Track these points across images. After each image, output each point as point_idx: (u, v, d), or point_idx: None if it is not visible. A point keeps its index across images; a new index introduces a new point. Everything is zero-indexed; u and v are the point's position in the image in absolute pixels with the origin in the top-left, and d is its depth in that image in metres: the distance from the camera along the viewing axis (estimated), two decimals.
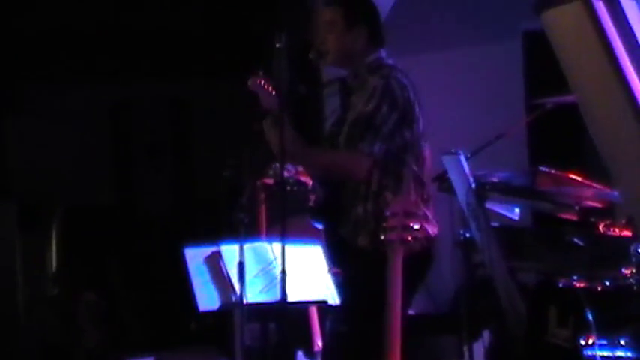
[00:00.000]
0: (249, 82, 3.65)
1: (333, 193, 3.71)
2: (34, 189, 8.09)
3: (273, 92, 3.61)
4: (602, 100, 3.66)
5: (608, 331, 4.15)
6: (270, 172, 4.31)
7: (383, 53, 3.77)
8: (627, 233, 4.29)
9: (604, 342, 4.12)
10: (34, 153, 8.37)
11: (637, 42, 3.60)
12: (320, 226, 3.80)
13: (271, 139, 3.63)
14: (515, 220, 5.00)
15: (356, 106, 3.64)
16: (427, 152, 3.80)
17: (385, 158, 3.57)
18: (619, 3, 3.65)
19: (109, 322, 7.08)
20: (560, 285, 4.38)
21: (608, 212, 4.57)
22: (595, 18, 3.54)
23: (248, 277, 3.78)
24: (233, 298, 3.83)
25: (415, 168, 3.63)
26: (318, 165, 3.66)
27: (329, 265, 3.81)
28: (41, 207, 7.82)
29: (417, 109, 3.70)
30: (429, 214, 3.56)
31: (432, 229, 3.63)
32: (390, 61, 3.76)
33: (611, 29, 3.58)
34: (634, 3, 3.69)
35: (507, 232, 4.86)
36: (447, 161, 4.83)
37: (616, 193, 4.27)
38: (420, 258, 3.54)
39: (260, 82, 3.62)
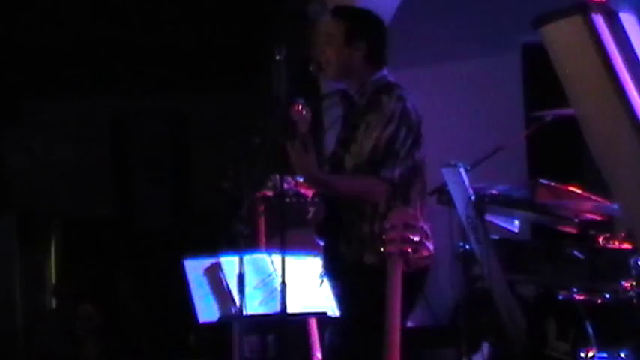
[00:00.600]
0: (291, 111, 3.65)
1: (336, 211, 3.71)
2: (33, 201, 8.09)
3: (309, 118, 3.63)
4: (601, 113, 3.66)
5: (608, 345, 4.15)
6: (270, 184, 4.30)
7: (385, 71, 3.78)
8: (627, 246, 4.29)
9: (604, 355, 4.11)
10: (33, 165, 8.37)
11: (636, 56, 3.61)
12: (322, 242, 3.79)
13: (297, 163, 3.64)
14: (514, 233, 5.00)
15: (371, 127, 3.61)
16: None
17: (400, 181, 3.60)
18: (618, 17, 3.67)
19: (108, 335, 7.06)
20: (560, 298, 4.38)
21: (607, 225, 4.57)
22: (594, 32, 3.55)
23: (247, 288, 3.78)
24: (232, 310, 3.82)
25: (420, 187, 3.65)
26: (340, 191, 3.65)
27: (321, 275, 3.80)
28: (40, 219, 7.82)
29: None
30: (428, 230, 3.57)
31: (431, 246, 3.63)
32: (392, 79, 3.77)
33: (610, 43, 3.59)
34: (633, 17, 3.71)
35: (507, 244, 4.86)
36: (447, 174, 4.84)
37: (615, 206, 4.27)
38: (419, 271, 3.54)
39: (299, 109, 3.63)
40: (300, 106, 3.63)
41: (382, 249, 3.21)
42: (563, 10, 3.68)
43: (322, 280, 3.80)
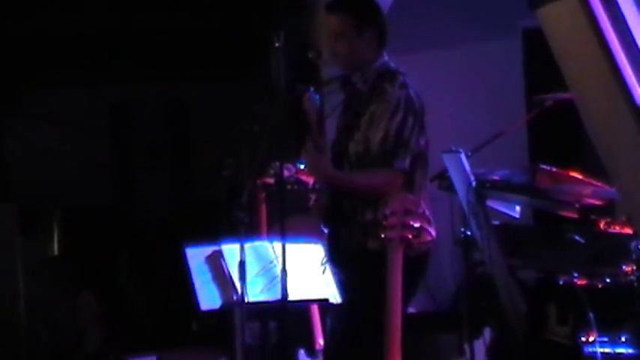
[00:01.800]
0: (302, 101, 3.66)
1: (339, 198, 3.71)
2: (33, 191, 8.09)
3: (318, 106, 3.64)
4: (598, 96, 3.65)
5: (609, 329, 4.15)
6: (271, 171, 4.30)
7: (386, 57, 3.77)
8: (628, 230, 4.29)
9: (605, 339, 4.12)
10: (33, 154, 8.37)
11: (633, 38, 3.60)
12: (326, 230, 3.79)
13: (312, 165, 3.64)
14: (515, 218, 5.00)
15: (376, 117, 3.60)
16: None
17: (410, 169, 3.60)
18: None
19: (109, 322, 7.08)
20: (561, 282, 4.39)
21: (608, 210, 4.56)
22: (591, 14, 3.54)
23: (249, 276, 3.78)
24: (234, 298, 3.83)
25: (423, 172, 3.65)
26: (358, 188, 3.64)
27: (324, 262, 3.81)
28: (41, 209, 7.82)
29: None
30: (429, 215, 3.57)
31: (433, 231, 3.63)
32: (393, 65, 3.76)
33: (607, 25, 3.58)
34: None
35: (508, 229, 4.86)
36: (447, 159, 4.83)
37: (615, 190, 4.27)
38: (420, 257, 3.54)
39: (309, 98, 3.64)
40: (310, 95, 3.63)
41: (382, 235, 3.22)
42: None
43: (325, 268, 3.81)
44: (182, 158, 8.78)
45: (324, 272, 3.82)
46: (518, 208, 4.96)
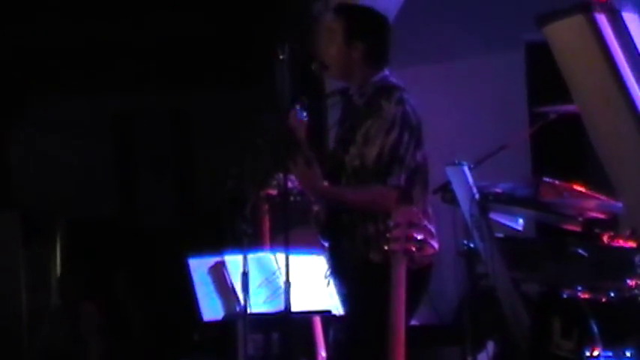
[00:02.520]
0: (289, 117, 3.65)
1: (336, 211, 3.70)
2: (37, 200, 8.10)
3: (306, 121, 3.64)
4: (604, 111, 3.66)
5: (614, 343, 4.14)
6: (274, 183, 4.30)
7: (387, 72, 3.76)
8: (631, 244, 4.28)
9: (609, 354, 4.10)
10: (37, 164, 8.38)
11: (639, 54, 3.62)
12: (326, 243, 3.79)
13: (302, 179, 3.64)
14: (518, 231, 4.99)
15: (372, 133, 3.60)
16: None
17: (406, 185, 3.59)
18: (621, 17, 3.67)
19: (112, 333, 7.07)
20: (565, 296, 4.37)
21: (612, 223, 4.56)
22: (597, 31, 3.56)
23: (252, 287, 3.77)
24: (237, 309, 3.82)
25: (422, 186, 3.64)
26: (349, 202, 3.64)
27: (327, 275, 3.80)
28: (44, 218, 7.83)
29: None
30: (432, 228, 3.57)
31: (435, 244, 3.63)
32: (394, 80, 3.75)
33: (613, 42, 3.60)
34: (636, 16, 3.71)
35: (511, 242, 4.85)
36: (451, 172, 4.83)
37: (620, 204, 4.26)
38: (423, 270, 3.53)
39: (296, 114, 3.64)
40: (297, 112, 3.63)
41: (386, 247, 3.21)
42: (566, 9, 3.68)
43: (329, 280, 3.80)
44: (185, 169, 8.80)
45: (328, 285, 3.82)
46: (521, 221, 4.96)
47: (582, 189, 4.66)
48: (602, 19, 3.56)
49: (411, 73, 4.07)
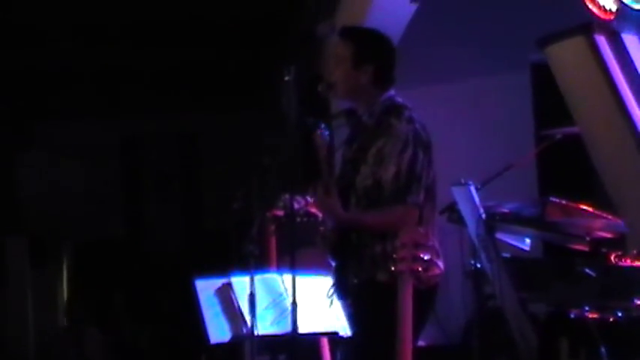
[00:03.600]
0: (314, 136, 3.67)
1: (346, 233, 3.70)
2: (44, 223, 8.12)
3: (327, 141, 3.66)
4: (604, 131, 3.67)
5: None
6: (280, 204, 4.31)
7: (392, 91, 3.77)
8: (639, 264, 4.27)
9: None
10: (44, 187, 8.40)
11: (638, 75, 3.63)
12: (334, 263, 3.78)
13: (322, 208, 3.65)
14: (525, 251, 4.98)
15: (386, 153, 3.60)
16: None
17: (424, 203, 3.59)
18: (621, 38, 3.68)
19: (118, 356, 7.06)
20: (572, 316, 4.36)
21: (619, 243, 4.55)
22: (597, 52, 3.57)
23: (259, 308, 3.77)
24: (244, 330, 3.82)
25: (431, 205, 3.65)
26: (371, 227, 3.63)
27: (330, 295, 3.80)
28: (52, 241, 7.84)
29: None
30: (438, 248, 3.56)
31: (442, 264, 3.63)
32: (400, 99, 3.76)
33: (613, 63, 3.61)
34: (636, 37, 3.72)
35: (518, 262, 4.84)
36: (457, 192, 4.83)
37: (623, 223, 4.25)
38: (429, 290, 3.53)
39: (321, 134, 3.65)
40: (322, 131, 3.64)
41: (393, 268, 3.21)
42: (567, 30, 3.70)
43: (332, 301, 3.79)
44: (192, 190, 8.81)
45: (331, 305, 3.81)
46: (528, 240, 4.95)
47: (589, 209, 4.65)
48: (602, 41, 3.57)
49: (418, 93, 4.08)
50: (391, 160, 3.58)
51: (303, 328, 3.64)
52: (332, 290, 3.77)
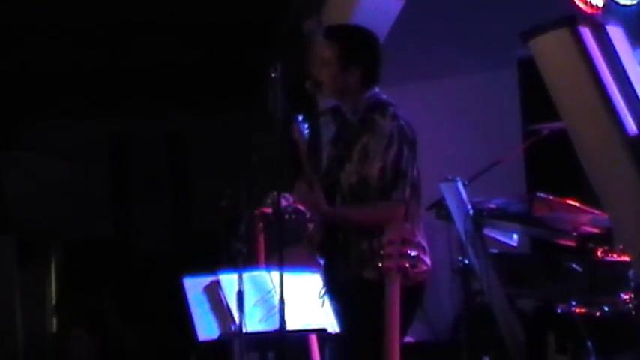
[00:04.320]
0: (291, 130, 3.66)
1: (334, 229, 3.70)
2: (32, 223, 8.09)
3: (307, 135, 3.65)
4: (590, 125, 3.68)
5: (608, 357, 4.14)
6: (268, 201, 4.31)
7: (377, 88, 3.77)
8: (625, 258, 4.29)
9: None
10: (31, 187, 8.37)
11: (623, 68, 3.64)
12: (322, 261, 3.79)
13: (306, 203, 3.65)
14: (513, 247, 5.00)
15: (371, 150, 3.60)
16: None
17: (410, 199, 3.59)
18: (605, 30, 3.69)
19: (106, 357, 7.05)
20: (559, 311, 4.38)
21: (606, 238, 4.57)
22: (581, 44, 3.58)
23: (247, 306, 3.77)
24: (232, 328, 3.82)
25: (416, 202, 3.65)
26: (356, 222, 3.64)
27: (321, 294, 3.80)
28: (39, 241, 7.81)
29: None
30: (425, 245, 3.57)
31: (428, 260, 3.63)
32: (385, 96, 3.76)
33: (598, 56, 3.62)
34: (620, 29, 3.73)
35: (505, 258, 4.86)
36: (444, 188, 4.85)
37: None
38: (416, 287, 3.54)
39: (298, 128, 3.65)
40: (299, 124, 3.64)
41: (380, 264, 3.22)
42: (551, 23, 3.70)
43: (324, 300, 3.79)
44: (180, 189, 8.80)
45: (323, 304, 3.81)
46: (515, 236, 4.97)
47: (576, 204, 4.68)
48: (587, 33, 3.58)
49: (405, 90, 4.08)
50: (376, 157, 3.59)
51: (292, 325, 3.64)
52: (323, 290, 3.77)
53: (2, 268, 7.27)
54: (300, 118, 3.68)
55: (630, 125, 3.53)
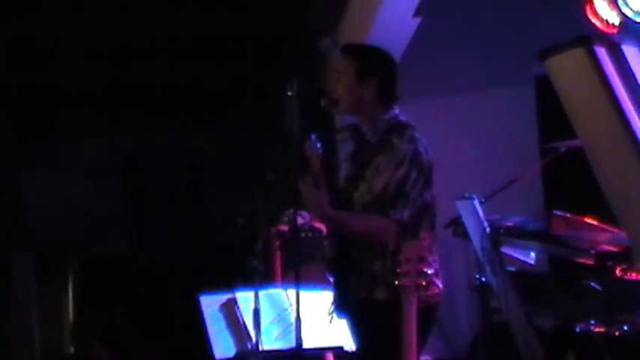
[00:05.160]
0: (304, 147, 3.67)
1: (346, 247, 3.70)
2: (49, 239, 8.12)
3: (321, 153, 3.65)
4: (605, 143, 3.67)
5: None
6: (285, 219, 4.30)
7: (397, 109, 3.78)
8: None
9: None
10: (49, 203, 8.41)
11: (639, 86, 3.62)
12: (332, 278, 3.78)
13: (308, 199, 3.65)
14: (531, 265, 4.97)
15: (381, 168, 3.61)
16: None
17: (409, 221, 3.59)
18: (621, 50, 3.68)
19: None
20: (578, 330, 4.35)
21: (624, 256, 4.53)
22: (597, 64, 3.57)
23: (264, 324, 3.77)
24: (249, 346, 3.81)
25: (429, 225, 3.64)
26: (350, 228, 3.64)
27: (330, 312, 3.79)
28: (57, 257, 7.84)
29: None
30: (438, 268, 3.55)
31: (440, 284, 3.62)
32: (404, 118, 3.76)
33: (613, 75, 3.61)
34: (636, 49, 3.72)
35: (523, 276, 4.83)
36: (461, 206, 4.83)
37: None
38: (428, 309, 3.51)
39: (312, 145, 3.66)
40: (312, 142, 3.64)
41: (396, 282, 3.20)
42: (567, 42, 3.70)
43: (332, 317, 3.78)
44: (197, 206, 8.81)
45: (331, 321, 3.80)
46: (533, 254, 4.94)
47: (594, 222, 4.64)
48: (602, 52, 3.57)
49: (422, 107, 4.08)
50: (384, 174, 3.59)
51: (308, 343, 3.63)
52: (332, 307, 3.76)
53: (21, 285, 7.29)
54: (314, 136, 3.68)
55: None
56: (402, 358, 3.14)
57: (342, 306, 3.74)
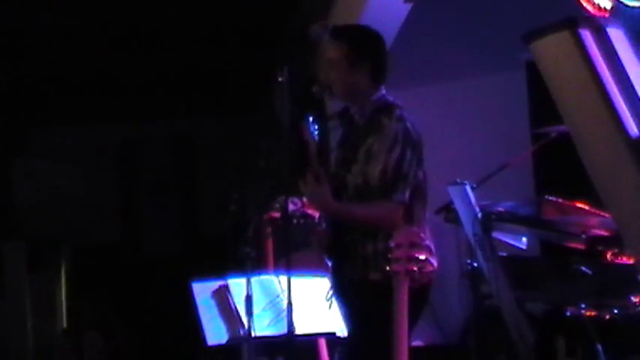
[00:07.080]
0: (301, 131, 3.67)
1: (339, 231, 3.70)
2: (41, 229, 8.10)
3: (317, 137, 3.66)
4: (592, 127, 3.66)
5: None
6: (276, 206, 4.31)
7: (383, 90, 3.78)
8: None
9: None
10: (40, 193, 8.39)
11: (624, 70, 3.62)
12: (330, 263, 3.79)
13: (312, 196, 3.65)
14: (522, 250, 4.99)
15: (375, 150, 3.61)
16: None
17: (409, 202, 3.60)
18: (606, 32, 3.68)
19: None
20: (569, 314, 4.37)
21: (615, 240, 4.54)
22: (582, 47, 3.56)
23: (256, 310, 3.77)
24: (241, 332, 3.82)
25: (421, 204, 3.64)
26: (358, 220, 3.64)
27: (329, 297, 3.80)
28: (49, 246, 7.83)
29: None
30: (432, 246, 3.56)
31: (435, 261, 3.62)
32: (391, 98, 3.76)
33: (598, 57, 3.60)
34: (621, 32, 3.71)
35: (515, 261, 4.85)
36: (453, 191, 4.84)
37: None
38: (422, 288, 3.53)
39: (308, 128, 3.66)
40: (309, 124, 3.65)
41: (387, 268, 3.22)
42: (552, 25, 3.69)
43: (331, 302, 3.80)
44: (188, 194, 8.81)
45: (330, 307, 3.81)
46: (524, 239, 4.95)
47: (585, 207, 4.66)
48: (587, 35, 3.56)
49: (413, 93, 4.08)
50: (379, 158, 3.60)
51: (300, 329, 3.64)
52: (331, 292, 3.78)
53: (12, 274, 7.29)
54: (311, 118, 3.69)
55: (632, 127, 3.52)
56: (394, 341, 3.15)
57: (338, 290, 3.76)
